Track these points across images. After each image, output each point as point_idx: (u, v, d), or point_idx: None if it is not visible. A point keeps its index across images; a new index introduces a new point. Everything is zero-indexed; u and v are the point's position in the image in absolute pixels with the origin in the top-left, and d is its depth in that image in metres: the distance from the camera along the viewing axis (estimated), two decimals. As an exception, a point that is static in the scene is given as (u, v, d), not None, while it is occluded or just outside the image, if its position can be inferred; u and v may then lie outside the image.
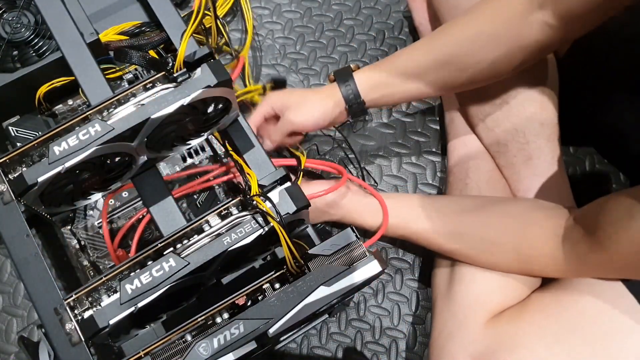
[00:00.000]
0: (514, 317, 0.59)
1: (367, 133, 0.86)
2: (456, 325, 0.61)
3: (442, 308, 0.64)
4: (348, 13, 0.94)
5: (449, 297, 0.64)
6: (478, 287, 0.63)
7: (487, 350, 0.56)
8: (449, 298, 0.64)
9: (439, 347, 0.61)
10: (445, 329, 0.62)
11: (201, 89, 0.50)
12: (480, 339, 0.58)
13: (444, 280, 0.67)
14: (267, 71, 0.90)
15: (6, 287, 0.78)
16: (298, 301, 0.47)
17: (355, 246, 0.50)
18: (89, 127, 0.48)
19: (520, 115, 0.71)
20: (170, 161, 0.73)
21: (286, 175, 0.54)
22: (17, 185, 0.48)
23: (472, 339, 0.58)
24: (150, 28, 0.68)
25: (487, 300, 0.61)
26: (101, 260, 0.70)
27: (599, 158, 0.82)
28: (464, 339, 0.59)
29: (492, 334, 0.58)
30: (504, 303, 0.61)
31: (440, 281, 0.68)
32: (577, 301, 0.56)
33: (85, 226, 0.71)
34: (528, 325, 0.57)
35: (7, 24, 0.74)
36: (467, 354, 0.58)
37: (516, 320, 0.58)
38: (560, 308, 0.56)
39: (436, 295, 0.68)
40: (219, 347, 0.45)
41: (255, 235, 0.49)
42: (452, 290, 0.64)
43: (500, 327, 0.58)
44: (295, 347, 0.75)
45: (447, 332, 0.61)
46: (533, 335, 0.55)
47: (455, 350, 0.59)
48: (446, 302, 0.64)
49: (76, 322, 0.46)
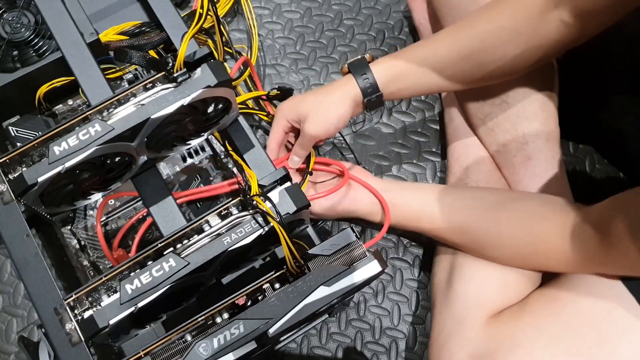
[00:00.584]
0: (513, 317, 0.59)
1: (367, 133, 0.86)
2: (456, 325, 0.61)
3: (442, 307, 0.64)
4: (348, 13, 0.94)
5: (448, 296, 0.64)
6: (478, 287, 0.63)
7: (486, 350, 0.56)
8: (449, 297, 0.64)
9: (439, 346, 0.61)
10: (445, 328, 0.62)
11: (201, 89, 0.50)
12: (480, 339, 0.58)
13: (443, 279, 0.67)
14: (267, 71, 0.90)
15: (6, 287, 0.78)
16: (298, 301, 0.47)
17: (355, 246, 0.50)
18: (89, 127, 0.48)
19: (520, 115, 0.70)
20: (170, 161, 0.73)
21: (286, 175, 0.54)
22: (17, 185, 0.48)
23: (472, 339, 0.58)
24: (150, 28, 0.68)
25: (486, 299, 0.61)
26: (101, 260, 0.70)
27: (599, 158, 0.82)
28: (463, 338, 0.59)
29: (492, 333, 0.58)
30: (503, 303, 0.61)
31: (439, 280, 0.68)
32: (576, 301, 0.56)
33: (85, 226, 0.71)
34: (527, 325, 0.57)
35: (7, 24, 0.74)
36: (466, 353, 0.58)
37: (515, 320, 0.58)
38: (560, 308, 0.56)
39: (435, 294, 0.68)
40: (219, 347, 0.45)
41: (255, 235, 0.49)
42: (451, 290, 0.64)
43: (499, 327, 0.58)
44: (295, 347, 0.75)
45: (446, 332, 0.61)
46: (532, 335, 0.55)
47: (455, 349, 0.59)
48: (445, 301, 0.64)
49: (76, 322, 0.46)
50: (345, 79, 0.68)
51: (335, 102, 0.67)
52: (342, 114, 0.67)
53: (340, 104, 0.67)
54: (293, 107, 0.70)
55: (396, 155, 0.84)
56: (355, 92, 0.67)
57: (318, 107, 0.68)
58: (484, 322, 0.59)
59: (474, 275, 0.64)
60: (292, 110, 0.70)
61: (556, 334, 0.55)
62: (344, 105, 0.67)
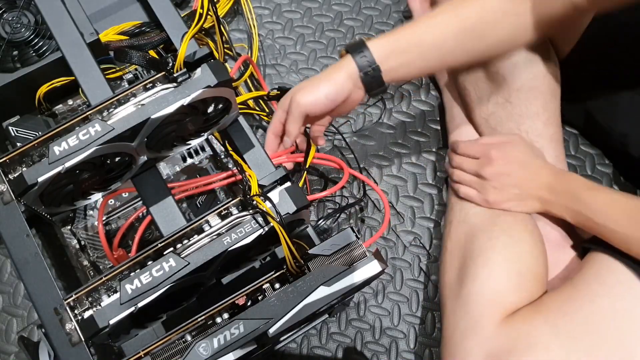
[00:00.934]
0: (530, 316, 0.59)
1: (367, 133, 0.86)
2: (471, 323, 0.60)
3: (455, 306, 0.64)
4: (348, 13, 0.94)
5: (461, 295, 0.64)
6: (494, 286, 0.62)
7: (503, 348, 0.56)
8: (462, 296, 0.64)
9: (454, 344, 0.61)
10: (460, 326, 0.62)
11: (201, 89, 0.50)
12: (496, 337, 0.58)
13: (455, 278, 0.66)
14: (267, 71, 0.90)
15: (6, 287, 0.78)
16: (298, 301, 0.47)
17: (355, 246, 0.50)
18: (89, 127, 0.48)
19: (523, 114, 0.70)
20: (170, 161, 0.73)
21: (286, 175, 0.54)
22: (17, 185, 0.48)
23: (488, 337, 0.58)
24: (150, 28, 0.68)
25: (502, 299, 0.61)
26: (101, 260, 0.70)
27: (600, 158, 0.82)
28: (479, 336, 0.59)
29: (508, 332, 0.58)
30: (518, 302, 0.61)
31: (450, 279, 0.67)
32: (592, 301, 0.56)
33: (85, 226, 0.71)
34: (544, 324, 0.57)
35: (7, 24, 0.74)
36: (483, 351, 0.58)
37: (532, 319, 0.58)
38: (576, 307, 0.56)
39: (446, 293, 0.67)
40: (219, 347, 0.45)
41: (255, 235, 0.49)
42: (465, 289, 0.64)
43: (516, 325, 0.58)
44: (295, 347, 0.75)
45: (461, 330, 0.61)
46: (549, 333, 0.55)
47: (471, 347, 0.59)
48: (459, 300, 0.64)
49: (76, 322, 0.46)
50: (342, 59, 0.65)
51: (327, 74, 0.64)
52: (336, 85, 0.63)
53: (334, 76, 0.63)
54: (288, 94, 0.67)
55: (396, 155, 0.84)
56: (351, 67, 0.63)
57: (312, 80, 0.65)
58: (500, 321, 0.59)
59: (491, 274, 0.63)
60: (287, 97, 0.66)
61: (573, 332, 0.55)
62: (337, 78, 0.63)
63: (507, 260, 0.64)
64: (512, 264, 0.63)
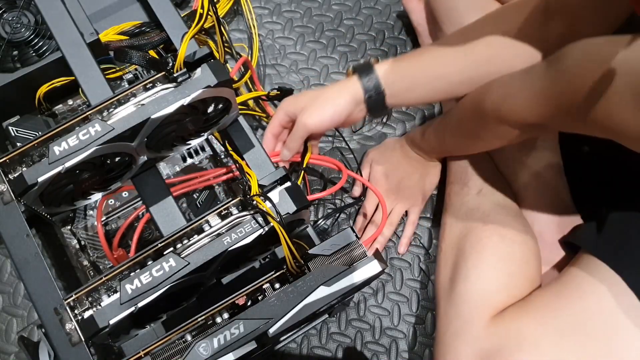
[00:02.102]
0: (518, 314, 0.59)
1: (367, 133, 0.86)
2: (461, 324, 0.61)
3: (447, 307, 0.64)
4: (348, 13, 0.94)
5: (453, 296, 0.64)
6: (484, 286, 0.63)
7: (493, 347, 0.57)
8: (454, 297, 0.64)
9: (445, 345, 0.61)
10: (451, 327, 0.62)
11: (201, 89, 0.50)
12: (486, 336, 0.58)
13: (447, 278, 0.67)
14: (267, 71, 0.90)
15: (6, 287, 0.78)
16: (298, 301, 0.47)
17: (355, 246, 0.50)
18: (89, 127, 0.48)
19: None
20: (170, 161, 0.73)
21: (286, 175, 0.54)
22: (17, 185, 0.48)
23: (478, 337, 0.59)
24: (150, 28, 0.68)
25: (492, 298, 0.61)
26: (101, 260, 0.70)
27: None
28: (470, 336, 0.59)
29: (497, 330, 0.58)
30: (507, 301, 0.61)
31: (443, 280, 0.68)
32: (580, 298, 0.56)
33: (85, 226, 0.71)
34: (533, 321, 0.57)
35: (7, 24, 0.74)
36: (473, 351, 0.58)
37: (520, 317, 0.58)
38: (564, 304, 0.56)
39: (440, 294, 0.67)
40: (219, 347, 0.45)
41: (255, 235, 0.49)
42: (457, 289, 0.64)
43: (505, 323, 0.58)
44: (295, 347, 0.75)
45: (452, 330, 0.61)
46: (538, 330, 0.56)
47: (462, 347, 0.59)
48: (451, 301, 0.64)
49: (76, 322, 0.46)
50: (349, 78, 0.67)
51: (333, 95, 0.66)
52: (338, 107, 0.66)
53: (339, 98, 0.66)
54: (292, 99, 0.70)
55: (396, 155, 0.84)
56: (356, 89, 0.65)
57: (316, 98, 0.67)
58: (489, 320, 0.59)
59: (480, 275, 0.63)
60: (291, 103, 0.69)
61: (562, 328, 0.55)
62: (342, 100, 0.66)
63: (498, 260, 0.64)
64: (503, 264, 0.64)
